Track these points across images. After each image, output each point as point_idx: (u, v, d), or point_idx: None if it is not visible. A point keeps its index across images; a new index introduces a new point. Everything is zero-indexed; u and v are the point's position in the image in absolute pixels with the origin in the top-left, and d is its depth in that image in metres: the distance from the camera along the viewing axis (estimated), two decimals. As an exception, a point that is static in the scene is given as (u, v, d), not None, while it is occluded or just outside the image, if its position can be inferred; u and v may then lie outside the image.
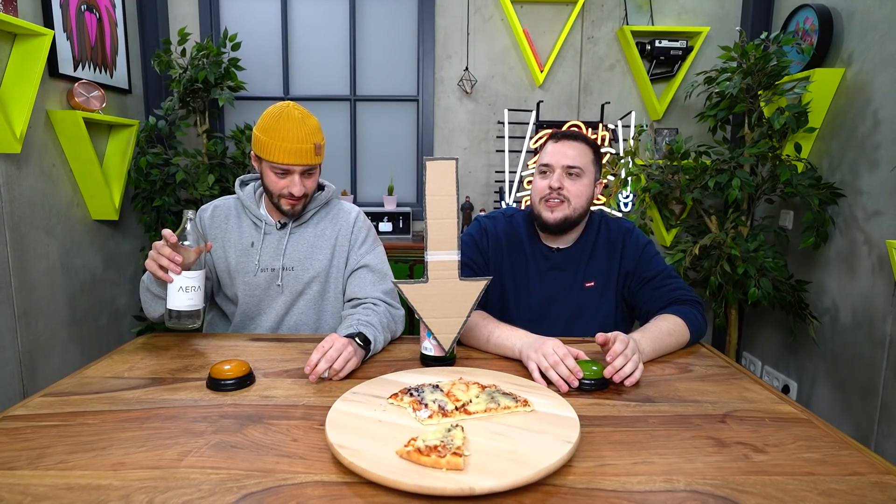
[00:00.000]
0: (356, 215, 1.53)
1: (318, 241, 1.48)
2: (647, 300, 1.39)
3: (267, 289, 1.46)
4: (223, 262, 1.47)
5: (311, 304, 1.48)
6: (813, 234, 2.35)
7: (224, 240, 1.47)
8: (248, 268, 1.45)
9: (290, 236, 1.47)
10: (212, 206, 1.52)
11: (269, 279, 1.46)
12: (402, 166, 3.27)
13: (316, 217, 1.50)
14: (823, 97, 2.41)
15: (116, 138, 2.64)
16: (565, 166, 1.35)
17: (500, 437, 0.80)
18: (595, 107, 3.09)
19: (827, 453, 0.82)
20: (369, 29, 3.17)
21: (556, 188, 1.35)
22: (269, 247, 1.46)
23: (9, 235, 2.05)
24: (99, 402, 0.97)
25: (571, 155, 1.35)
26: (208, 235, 1.47)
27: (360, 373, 1.12)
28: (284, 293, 1.47)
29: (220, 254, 1.47)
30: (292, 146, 1.33)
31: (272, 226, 1.47)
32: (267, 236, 1.46)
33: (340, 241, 1.49)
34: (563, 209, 1.36)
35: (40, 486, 0.71)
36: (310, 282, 1.47)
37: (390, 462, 0.72)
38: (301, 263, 1.46)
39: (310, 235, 1.48)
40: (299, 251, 1.47)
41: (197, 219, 1.47)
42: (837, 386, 2.37)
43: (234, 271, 1.46)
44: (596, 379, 1.03)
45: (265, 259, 1.46)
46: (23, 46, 2.05)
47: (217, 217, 1.49)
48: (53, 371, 2.26)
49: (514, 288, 1.44)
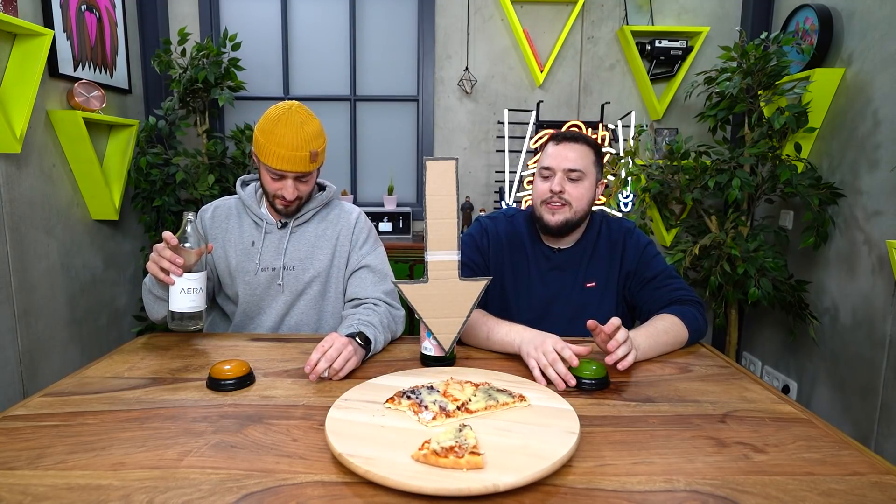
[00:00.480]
0: (357, 216, 1.52)
1: (319, 241, 1.48)
2: (647, 300, 1.39)
3: (267, 288, 1.46)
4: (224, 261, 1.47)
5: (311, 303, 1.48)
6: (813, 234, 2.35)
7: (225, 239, 1.47)
8: (248, 267, 1.45)
9: (291, 236, 1.47)
10: (213, 206, 1.52)
11: (269, 279, 1.46)
12: (402, 166, 3.27)
13: (317, 217, 1.50)
14: (823, 97, 2.41)
15: (116, 138, 2.64)
16: (566, 169, 1.35)
17: (508, 432, 0.81)
18: (595, 107, 3.09)
19: (827, 453, 0.82)
20: (369, 29, 3.17)
21: (557, 192, 1.34)
22: (269, 246, 1.46)
23: (9, 235, 2.05)
24: (99, 402, 0.97)
25: (572, 158, 1.35)
26: (209, 235, 1.47)
27: (359, 373, 1.12)
28: (285, 293, 1.46)
29: (220, 254, 1.47)
30: (287, 153, 1.31)
31: (273, 225, 1.47)
32: (268, 235, 1.46)
33: (341, 242, 1.49)
34: (564, 212, 1.36)
35: (40, 486, 0.71)
36: (310, 281, 1.47)
37: (407, 467, 0.71)
38: (302, 263, 1.46)
39: (311, 235, 1.48)
40: (300, 251, 1.46)
41: (198, 220, 1.47)
42: (837, 386, 2.37)
43: (234, 271, 1.45)
44: (596, 379, 1.03)
45: (266, 258, 1.45)
46: (23, 46, 2.05)
47: (218, 217, 1.49)
48: (53, 371, 2.26)
49: (515, 288, 1.44)
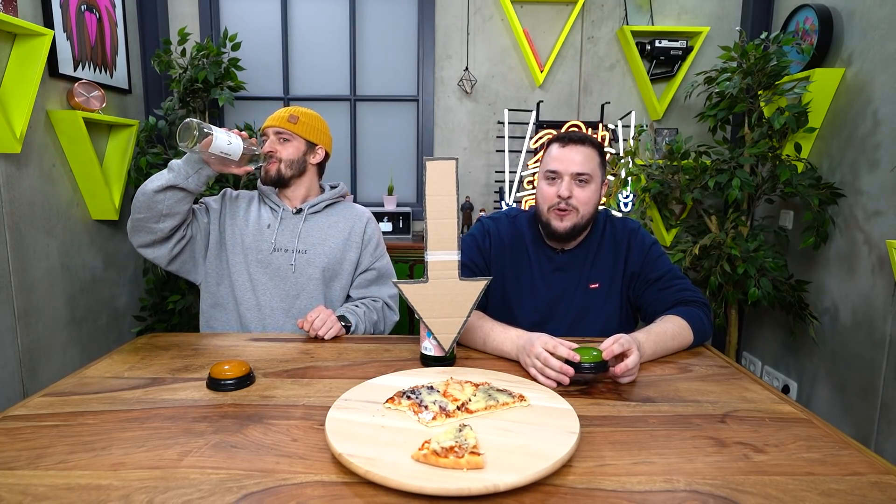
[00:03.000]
0: (369, 217, 1.66)
1: (331, 230, 1.59)
2: (652, 301, 1.37)
3: (278, 268, 1.54)
4: (238, 238, 1.55)
5: (319, 288, 1.55)
6: (813, 234, 2.35)
7: (243, 219, 1.58)
8: (262, 246, 1.54)
9: (305, 222, 1.58)
10: (238, 192, 1.66)
11: (282, 259, 1.54)
12: (402, 166, 3.27)
13: (329, 209, 1.63)
14: (823, 97, 2.41)
15: (116, 138, 2.64)
16: (574, 173, 1.32)
17: (508, 432, 0.81)
18: (595, 107, 3.09)
19: (827, 453, 0.82)
20: (369, 29, 3.17)
21: (565, 197, 1.32)
22: (285, 230, 1.57)
23: (9, 235, 2.05)
24: (99, 402, 0.97)
25: (580, 161, 1.32)
26: (229, 213, 1.59)
27: (360, 371, 1.12)
28: (296, 273, 1.54)
29: (236, 231, 1.56)
30: (272, 116, 1.57)
31: (288, 211, 1.59)
32: (283, 220, 1.58)
33: (353, 237, 1.61)
34: (572, 218, 1.34)
35: (40, 486, 0.71)
36: (320, 266, 1.55)
37: (407, 467, 0.71)
38: (314, 248, 1.56)
39: (323, 223, 1.60)
40: (313, 236, 1.57)
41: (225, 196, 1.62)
42: (837, 386, 2.37)
43: (248, 248, 1.54)
44: (596, 363, 1.02)
45: (281, 240, 1.55)
46: (23, 46, 2.05)
47: (241, 199, 1.63)
48: (53, 371, 2.26)
49: (518, 289, 1.43)
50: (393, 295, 1.64)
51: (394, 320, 1.64)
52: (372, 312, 1.54)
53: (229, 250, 1.55)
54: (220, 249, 1.56)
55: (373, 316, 1.54)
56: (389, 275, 1.65)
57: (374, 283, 1.63)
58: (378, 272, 1.63)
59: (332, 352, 1.25)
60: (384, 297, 1.62)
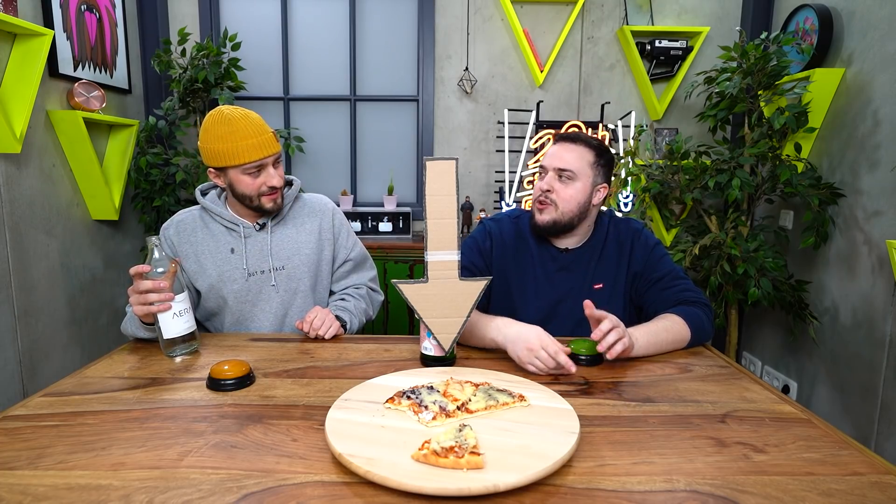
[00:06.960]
0: (332, 207, 1.57)
1: (301, 237, 1.49)
2: (654, 301, 1.37)
3: (259, 292, 1.45)
4: (202, 275, 1.42)
5: (306, 297, 1.50)
6: (813, 234, 2.35)
7: (198, 253, 1.42)
8: (234, 275, 1.42)
9: (273, 236, 1.46)
10: (173, 222, 1.46)
11: (260, 282, 1.45)
12: (402, 166, 3.27)
13: (292, 212, 1.51)
14: (823, 97, 2.41)
15: (116, 138, 2.64)
16: (557, 168, 1.35)
17: (508, 432, 0.81)
18: (595, 107, 3.09)
19: (827, 453, 0.82)
20: (369, 29, 3.17)
21: (544, 190, 1.35)
22: (253, 250, 1.44)
23: (9, 235, 2.05)
24: (99, 402, 0.97)
25: (566, 158, 1.34)
26: (178, 252, 1.42)
27: (359, 372, 1.12)
28: (280, 292, 1.47)
29: (195, 268, 1.42)
30: (256, 140, 1.32)
31: (251, 228, 1.44)
32: (248, 240, 1.44)
33: (324, 233, 1.53)
34: (550, 212, 1.35)
35: (40, 486, 0.71)
36: (302, 277, 1.49)
37: (407, 467, 0.71)
38: (290, 260, 1.47)
39: (292, 231, 1.49)
40: (286, 249, 1.47)
41: (163, 238, 1.43)
42: (837, 386, 2.37)
43: (218, 281, 1.42)
44: (591, 355, 1.15)
45: (252, 263, 1.44)
46: (23, 46, 2.05)
47: (184, 231, 1.43)
48: (53, 371, 2.27)
49: (521, 289, 1.43)
50: (373, 277, 1.63)
51: (380, 300, 1.63)
52: (360, 302, 1.53)
53: (198, 286, 1.43)
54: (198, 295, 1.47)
55: (361, 305, 1.52)
56: (365, 258, 1.62)
57: (352, 272, 1.60)
58: (354, 261, 1.59)
59: (332, 352, 1.25)
60: (365, 282, 1.61)
